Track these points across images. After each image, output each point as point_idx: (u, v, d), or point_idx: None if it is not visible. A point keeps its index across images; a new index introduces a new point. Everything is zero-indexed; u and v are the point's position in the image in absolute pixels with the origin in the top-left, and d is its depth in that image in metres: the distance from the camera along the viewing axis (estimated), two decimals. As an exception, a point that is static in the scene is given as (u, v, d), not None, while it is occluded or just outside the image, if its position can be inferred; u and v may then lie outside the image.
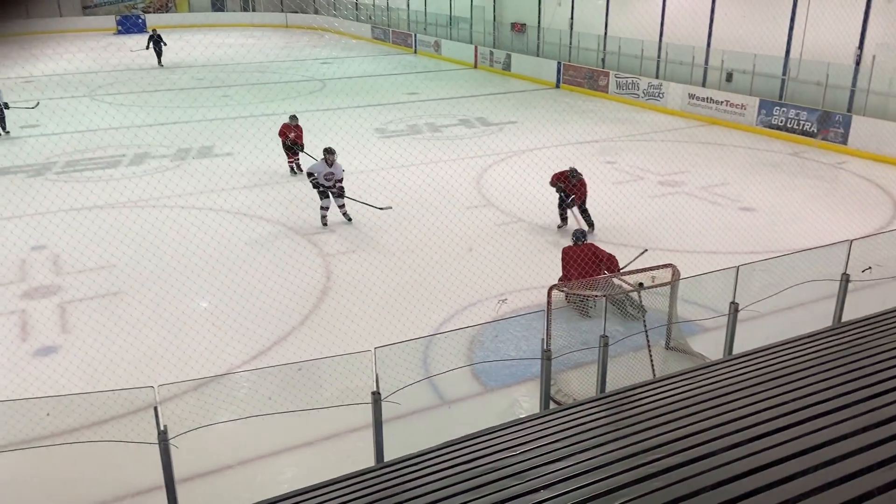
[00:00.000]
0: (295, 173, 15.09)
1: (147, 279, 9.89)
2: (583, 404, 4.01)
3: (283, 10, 49.39)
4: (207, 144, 17.38)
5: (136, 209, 12.79)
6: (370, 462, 5.36)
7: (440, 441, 4.33)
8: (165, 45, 30.78)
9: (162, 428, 4.36)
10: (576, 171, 11.48)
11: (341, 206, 12.28)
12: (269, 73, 29.28)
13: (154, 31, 31.39)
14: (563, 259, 9.18)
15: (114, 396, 5.57)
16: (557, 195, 11.75)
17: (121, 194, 13.41)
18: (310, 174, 12.13)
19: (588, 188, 11.61)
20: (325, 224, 12.07)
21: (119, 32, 44.16)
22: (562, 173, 11.62)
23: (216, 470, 6.07)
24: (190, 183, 14.17)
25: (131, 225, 11.68)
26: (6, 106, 18.54)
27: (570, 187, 11.48)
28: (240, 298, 9.25)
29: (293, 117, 15.21)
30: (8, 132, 18.69)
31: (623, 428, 3.39)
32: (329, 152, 12.06)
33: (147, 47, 30.65)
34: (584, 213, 11.62)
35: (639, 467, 2.93)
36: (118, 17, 45.28)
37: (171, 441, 4.38)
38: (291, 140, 14.88)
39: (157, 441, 4.39)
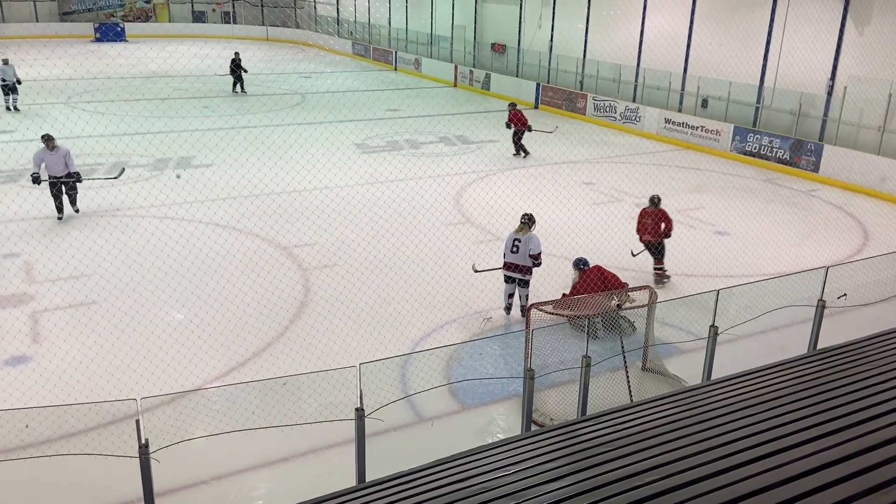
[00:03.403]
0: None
1: (122, 289, 9.75)
2: (566, 426, 4.03)
3: (264, 24, 49.39)
4: (186, 155, 17.25)
5: (113, 218, 12.62)
6: (348, 480, 5.33)
7: (417, 459, 4.31)
8: (245, 71, 26.97)
9: (143, 441, 4.28)
10: (513, 103, 18.04)
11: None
12: (249, 86, 29.18)
13: (236, 54, 27.40)
14: (575, 288, 9.22)
15: (94, 408, 5.47)
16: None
17: (96, 203, 13.23)
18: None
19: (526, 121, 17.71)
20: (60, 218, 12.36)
21: (97, 40, 43.79)
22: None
23: (190, 485, 5.97)
24: (168, 193, 14.04)
25: (107, 234, 11.52)
26: (18, 81, 21.21)
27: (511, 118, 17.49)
28: (217, 311, 9.16)
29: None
30: (18, 109, 21.43)
31: (606, 452, 3.42)
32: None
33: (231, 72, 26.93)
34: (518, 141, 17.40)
35: (625, 493, 2.95)
36: (97, 25, 44.89)
37: (151, 455, 4.30)
38: None
39: (137, 455, 4.31)
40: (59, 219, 12.22)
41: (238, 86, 26.91)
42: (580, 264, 9.45)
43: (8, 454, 5.71)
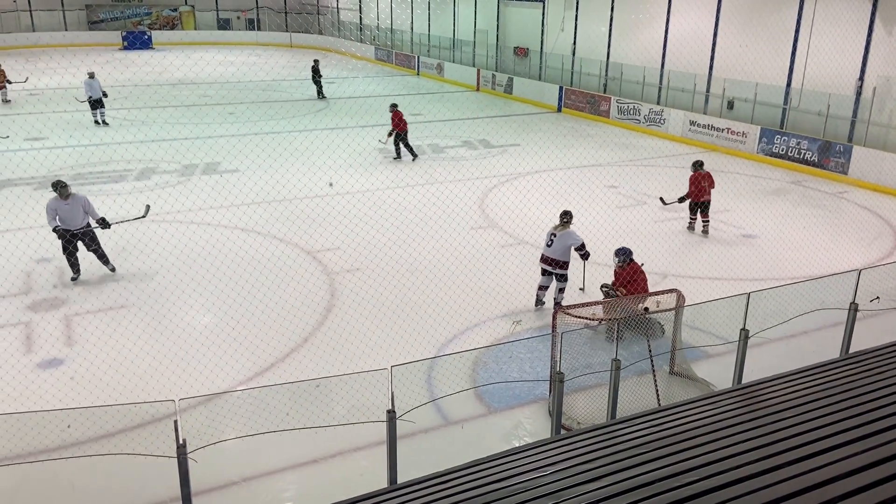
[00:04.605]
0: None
1: (151, 293, 9.90)
2: (597, 429, 4.03)
3: (287, 30, 49.89)
4: (213, 161, 17.48)
5: (142, 223, 12.82)
6: (378, 482, 5.36)
7: (446, 461, 4.33)
8: (321, 76, 27.77)
9: (181, 441, 4.35)
10: (394, 104, 17.75)
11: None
12: (273, 92, 29.50)
13: (315, 62, 28.24)
14: (627, 280, 9.01)
15: (131, 409, 5.57)
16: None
17: (125, 209, 13.46)
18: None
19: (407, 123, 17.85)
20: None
21: (125, 48, 44.52)
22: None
23: (221, 485, 6.05)
24: (195, 199, 14.23)
25: (136, 240, 11.69)
26: (105, 94, 21.34)
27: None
28: (244, 314, 9.27)
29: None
30: (107, 123, 21.49)
31: (640, 455, 3.41)
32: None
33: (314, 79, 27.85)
34: (405, 144, 17.82)
35: (659, 495, 2.94)
36: (124, 33, 45.65)
37: (189, 455, 4.37)
38: None
39: (175, 455, 4.38)
40: (74, 279, 10.27)
41: (319, 92, 28.07)
42: (622, 254, 9.11)
43: (50, 454, 5.83)
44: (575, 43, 27.13)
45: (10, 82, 24.78)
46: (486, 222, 13.39)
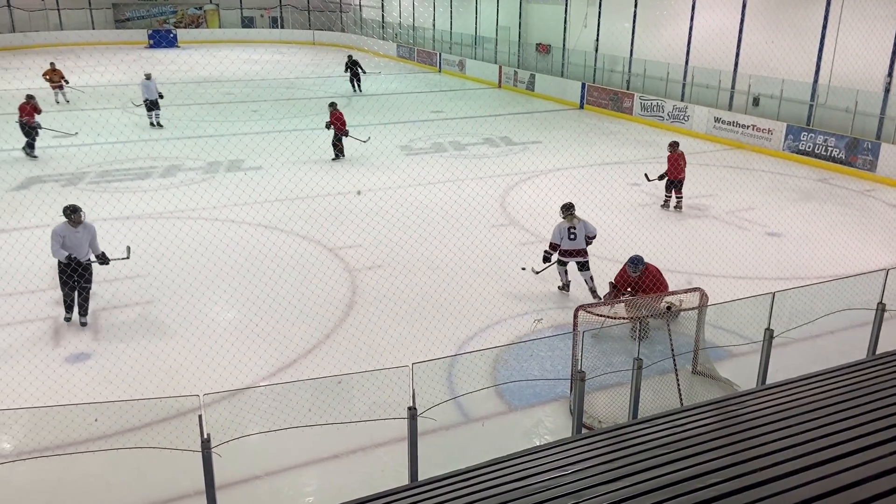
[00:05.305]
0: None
1: (176, 289, 10.02)
2: (618, 429, 4.01)
3: (310, 28, 50.15)
4: (236, 158, 17.64)
5: (167, 220, 12.99)
6: (399, 478, 5.39)
7: (466, 459, 4.34)
8: (364, 72, 29.05)
9: (206, 436, 4.41)
10: (333, 103, 17.51)
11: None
12: (296, 89, 29.68)
13: (349, 57, 29.44)
14: (656, 280, 8.77)
15: (157, 404, 5.65)
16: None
17: (150, 206, 13.64)
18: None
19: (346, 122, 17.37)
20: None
21: (150, 46, 45.04)
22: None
23: (243, 480, 6.12)
24: (219, 196, 14.38)
25: (161, 236, 11.85)
26: (160, 96, 21.12)
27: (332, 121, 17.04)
28: (266, 310, 9.35)
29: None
30: (162, 125, 21.30)
31: (662, 455, 3.39)
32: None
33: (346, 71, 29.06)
34: (336, 141, 17.31)
35: (681, 496, 2.93)
36: (150, 32, 46.21)
37: (213, 449, 4.43)
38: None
39: (199, 449, 4.45)
40: (67, 320, 9.00)
41: (357, 85, 28.92)
42: (635, 262, 8.80)
43: (77, 447, 5.94)
44: (598, 39, 26.96)
45: (66, 82, 25.11)
46: (507, 220, 13.37)
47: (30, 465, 5.99)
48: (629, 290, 8.82)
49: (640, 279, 8.77)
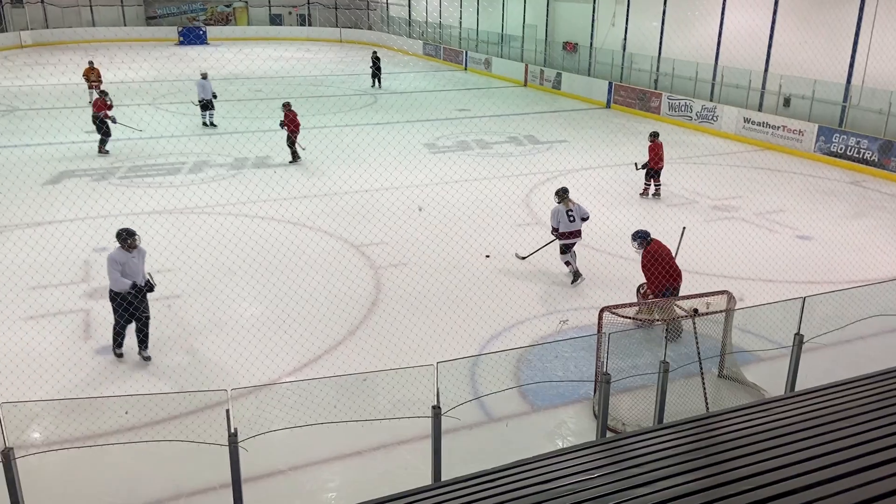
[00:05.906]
0: None
1: (203, 284, 10.15)
2: (643, 434, 3.98)
3: (337, 26, 50.42)
4: (263, 155, 17.80)
5: (195, 215, 13.14)
6: (421, 476, 5.41)
7: (489, 458, 4.34)
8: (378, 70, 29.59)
9: (233, 430, 4.47)
10: (287, 103, 16.83)
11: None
12: (323, 87, 29.86)
13: (374, 52, 30.59)
14: (645, 265, 8.71)
15: (186, 397, 5.73)
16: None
17: (179, 201, 13.81)
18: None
19: (299, 124, 16.89)
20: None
21: (181, 43, 45.63)
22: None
23: (267, 474, 6.18)
24: (247, 192, 14.52)
25: (190, 232, 11.99)
26: (215, 96, 21.17)
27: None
28: (292, 307, 9.43)
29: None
30: (215, 125, 21.32)
31: (685, 462, 3.36)
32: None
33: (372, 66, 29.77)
34: (290, 144, 16.85)
35: None
36: (180, 29, 46.82)
37: (240, 443, 4.49)
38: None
39: (227, 443, 4.51)
40: (119, 356, 8.13)
41: (377, 81, 29.79)
42: (643, 237, 8.76)
43: (107, 438, 6.05)
44: (626, 38, 26.74)
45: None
46: (531, 219, 13.33)
47: (60, 455, 6.11)
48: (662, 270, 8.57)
49: (648, 257, 8.63)
